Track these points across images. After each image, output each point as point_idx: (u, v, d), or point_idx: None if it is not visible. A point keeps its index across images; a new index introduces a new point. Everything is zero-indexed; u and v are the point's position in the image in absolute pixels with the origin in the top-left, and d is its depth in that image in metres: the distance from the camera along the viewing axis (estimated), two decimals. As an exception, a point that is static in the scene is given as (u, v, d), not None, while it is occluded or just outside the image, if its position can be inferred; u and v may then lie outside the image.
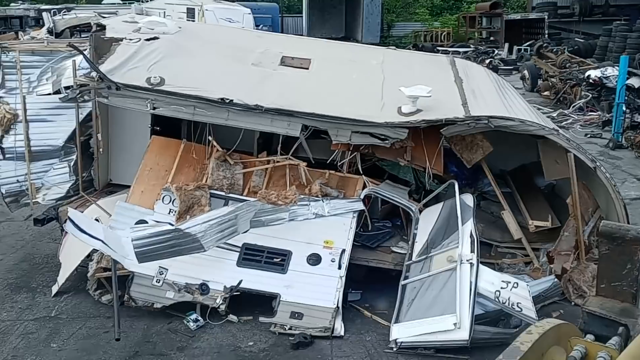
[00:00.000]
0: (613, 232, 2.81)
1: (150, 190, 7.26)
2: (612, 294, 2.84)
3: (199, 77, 7.18)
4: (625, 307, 2.74)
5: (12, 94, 8.30)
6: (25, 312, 6.86)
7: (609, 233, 2.83)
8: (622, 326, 2.62)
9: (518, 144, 8.34)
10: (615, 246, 2.78)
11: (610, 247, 2.81)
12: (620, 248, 2.76)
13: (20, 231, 9.33)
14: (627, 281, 2.79)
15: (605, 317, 2.70)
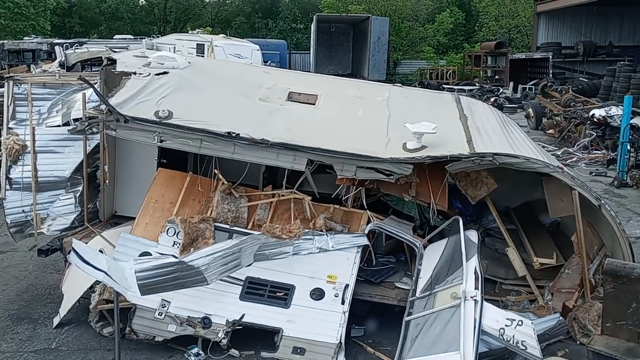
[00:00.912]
0: (618, 271, 2.89)
1: (154, 222, 7.28)
2: (617, 333, 2.87)
3: (207, 111, 7.27)
4: (631, 346, 2.78)
5: (22, 125, 8.40)
6: (25, 343, 6.82)
7: (614, 271, 2.91)
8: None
9: (523, 181, 8.37)
10: (621, 285, 2.83)
11: (615, 285, 2.87)
12: (626, 287, 2.81)
13: (24, 261, 9.34)
14: (632, 320, 2.82)
15: (611, 357, 2.73)
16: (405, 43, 47.24)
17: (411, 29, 46.69)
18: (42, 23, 41.42)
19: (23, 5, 39.13)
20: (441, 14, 48.41)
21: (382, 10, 43.84)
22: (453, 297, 6.27)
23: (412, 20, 47.03)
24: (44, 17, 41.82)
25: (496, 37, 44.43)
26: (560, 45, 39.68)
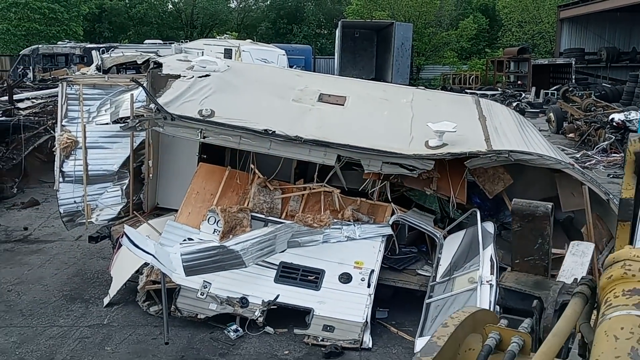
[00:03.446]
0: (524, 210, 2.95)
1: (196, 211, 7.95)
2: (526, 268, 2.96)
3: (245, 110, 7.92)
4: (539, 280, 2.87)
5: (74, 123, 9.15)
6: (80, 319, 7.52)
7: (520, 211, 2.96)
8: (536, 299, 2.72)
9: (538, 178, 8.87)
10: (527, 223, 2.91)
11: (522, 224, 2.93)
12: (532, 224, 2.90)
13: (72, 250, 10.07)
14: (538, 255, 2.92)
15: (520, 291, 2.81)
16: (429, 48, 47.65)
17: (434, 35, 47.09)
18: (75, 28, 42.69)
19: (58, 10, 40.42)
20: (464, 19, 48.71)
21: (405, 16, 44.31)
22: (470, 281, 6.84)
23: (435, 26, 47.44)
24: (76, 22, 43.10)
25: (519, 43, 44.63)
26: (584, 51, 39.81)
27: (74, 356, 6.60)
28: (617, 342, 1.51)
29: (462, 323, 2.04)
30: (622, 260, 1.79)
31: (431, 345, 1.90)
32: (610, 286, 1.79)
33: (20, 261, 9.49)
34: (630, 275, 1.74)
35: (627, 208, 2.73)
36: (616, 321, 1.60)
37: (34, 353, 6.66)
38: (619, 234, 2.83)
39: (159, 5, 58.07)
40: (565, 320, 1.80)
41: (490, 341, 1.90)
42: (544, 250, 2.89)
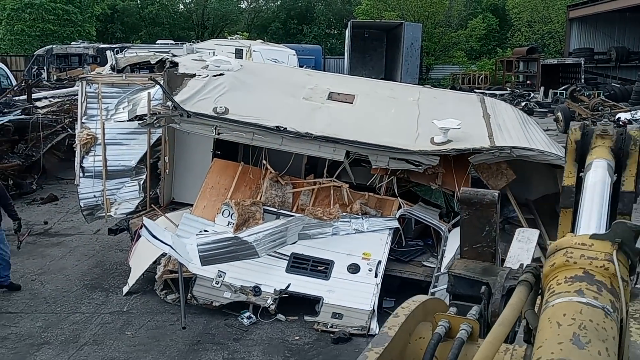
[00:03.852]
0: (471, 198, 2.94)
1: (211, 205, 8.31)
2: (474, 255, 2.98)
3: (258, 108, 8.27)
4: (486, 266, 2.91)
5: (93, 120, 9.55)
6: (101, 306, 7.91)
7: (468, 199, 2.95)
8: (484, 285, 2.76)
9: (541, 174, 9.15)
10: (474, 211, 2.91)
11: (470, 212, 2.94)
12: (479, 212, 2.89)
13: (91, 242, 10.47)
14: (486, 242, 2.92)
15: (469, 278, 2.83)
16: (438, 48, 47.82)
17: (444, 35, 47.27)
18: (88, 29, 43.21)
19: (72, 12, 40.94)
20: (474, 19, 48.84)
21: (415, 16, 44.49)
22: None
23: (444, 26, 47.61)
24: (90, 23, 43.63)
25: (529, 43, 44.72)
26: (593, 50, 39.83)
27: (96, 340, 6.98)
28: (560, 328, 1.54)
29: (412, 312, 2.05)
30: (564, 248, 1.81)
31: (382, 335, 1.90)
32: (553, 274, 1.80)
33: (42, 253, 9.90)
34: (572, 262, 1.76)
35: (569, 195, 2.79)
36: (559, 308, 1.63)
37: (59, 337, 7.05)
38: (561, 221, 2.88)
39: (170, 5, 58.57)
40: (510, 309, 1.81)
41: (439, 329, 1.92)
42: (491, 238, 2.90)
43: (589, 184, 2.52)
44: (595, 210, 2.33)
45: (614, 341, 1.55)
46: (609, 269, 1.69)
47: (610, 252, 1.72)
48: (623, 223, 1.77)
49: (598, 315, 1.58)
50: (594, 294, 1.64)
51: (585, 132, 2.85)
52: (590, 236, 1.79)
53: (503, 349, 1.86)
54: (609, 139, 2.77)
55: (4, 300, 8.05)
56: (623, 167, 2.75)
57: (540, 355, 1.47)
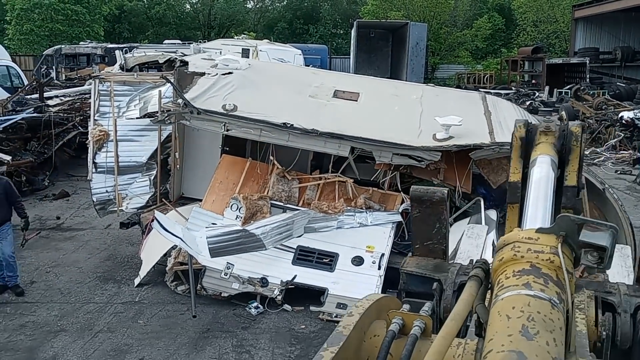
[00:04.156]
0: (422, 196, 2.98)
1: (220, 199, 8.58)
2: (426, 252, 3.03)
3: (265, 105, 8.53)
4: (438, 263, 2.95)
5: (105, 117, 9.82)
6: (114, 297, 8.19)
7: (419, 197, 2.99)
8: (435, 281, 2.81)
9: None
10: (425, 208, 2.97)
11: (421, 209, 2.98)
12: (430, 210, 2.95)
13: (102, 237, 10.76)
14: (437, 239, 2.99)
15: (421, 275, 2.88)
16: (444, 48, 47.99)
17: (449, 34, 47.44)
18: (97, 29, 43.63)
19: (80, 12, 41.36)
20: (479, 19, 48.97)
21: (420, 16, 44.67)
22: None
23: (450, 26, 47.77)
24: (98, 23, 44.04)
25: (534, 42, 44.82)
26: (598, 50, 39.92)
27: (110, 327, 7.26)
28: (510, 321, 1.56)
29: (366, 311, 2.08)
30: (512, 243, 1.85)
31: (337, 335, 1.91)
32: (502, 268, 1.84)
33: (55, 247, 10.19)
34: (520, 256, 1.80)
35: (515, 191, 2.82)
36: (508, 301, 1.66)
37: (74, 325, 7.33)
38: (509, 216, 2.90)
39: (177, 6, 58.93)
40: (462, 304, 1.85)
41: (393, 326, 1.96)
42: (441, 234, 3.00)
43: (534, 179, 2.56)
44: (540, 205, 2.37)
45: (560, 331, 1.60)
46: (555, 261, 1.75)
47: (555, 245, 1.78)
48: (567, 217, 1.83)
49: (545, 307, 1.62)
50: (540, 286, 1.68)
51: (529, 129, 2.89)
52: (536, 230, 1.85)
53: (455, 343, 1.94)
54: (552, 135, 2.83)
55: (20, 291, 8.33)
56: (566, 162, 2.80)
57: (491, 348, 1.50)
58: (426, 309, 2.19)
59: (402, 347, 1.86)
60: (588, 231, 1.80)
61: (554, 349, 1.49)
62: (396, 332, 1.94)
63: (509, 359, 1.41)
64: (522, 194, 2.67)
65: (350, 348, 1.93)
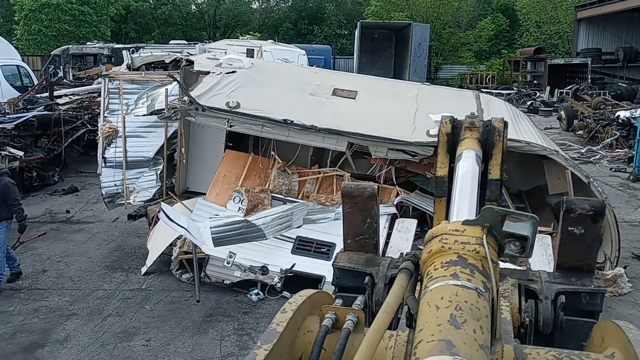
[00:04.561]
0: (352, 192, 3.00)
1: (223, 192, 9.00)
2: (357, 247, 3.04)
3: (267, 102, 8.93)
4: (369, 257, 2.97)
5: (114, 114, 10.24)
6: (122, 284, 8.60)
7: (349, 193, 3.00)
8: (367, 275, 2.82)
9: (535, 168, 9.75)
10: (356, 204, 2.98)
11: (352, 205, 2.99)
12: (360, 205, 2.97)
13: (110, 229, 11.19)
14: (368, 234, 3.01)
15: (353, 270, 2.89)
16: (447, 48, 48.35)
17: (452, 35, 47.78)
18: (103, 29, 44.23)
19: (87, 13, 41.96)
20: (482, 20, 49.29)
21: (424, 17, 45.06)
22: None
23: (453, 27, 48.12)
24: (105, 23, 44.63)
25: (537, 43, 45.12)
26: (600, 51, 40.17)
27: (119, 312, 7.68)
28: (439, 311, 1.59)
29: (299, 307, 2.10)
30: (440, 235, 1.89)
31: (270, 332, 1.94)
32: (431, 260, 1.87)
33: (65, 238, 10.63)
34: (447, 248, 1.83)
35: (442, 185, 2.88)
36: (437, 292, 1.68)
37: (85, 309, 7.75)
38: (436, 210, 2.96)
39: (182, 6, 59.46)
40: (392, 296, 1.87)
41: (327, 321, 1.97)
42: (372, 229, 3.01)
43: (460, 173, 2.63)
44: (466, 198, 2.45)
45: (487, 319, 1.64)
46: (480, 252, 1.79)
47: (480, 237, 1.83)
48: (491, 209, 1.88)
49: (472, 296, 1.66)
50: (467, 276, 1.72)
51: (455, 125, 2.98)
52: (462, 222, 1.90)
53: (387, 335, 1.98)
54: (476, 130, 2.90)
55: (33, 279, 8.76)
56: (489, 157, 2.87)
57: (421, 338, 1.52)
58: (358, 303, 2.18)
59: (335, 342, 1.88)
60: (511, 222, 1.89)
61: (481, 337, 1.53)
62: (329, 327, 1.96)
63: (438, 348, 1.43)
64: (449, 187, 2.75)
65: (284, 344, 1.96)
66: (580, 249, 2.86)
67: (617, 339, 2.02)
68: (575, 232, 2.81)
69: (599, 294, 2.77)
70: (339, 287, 2.95)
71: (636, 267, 9.26)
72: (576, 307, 2.73)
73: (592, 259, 2.90)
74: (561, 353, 2.03)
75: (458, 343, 1.44)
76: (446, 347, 1.42)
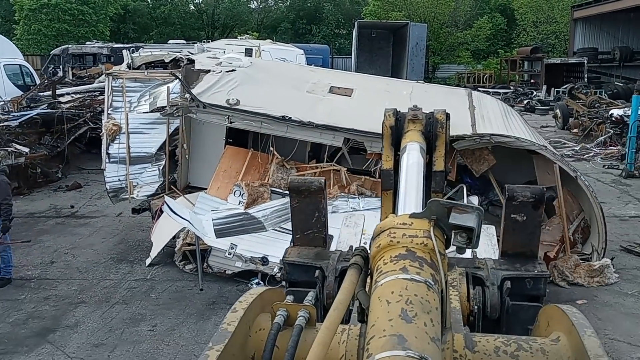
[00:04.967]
0: (299, 186, 2.97)
1: (224, 186, 9.32)
2: (306, 242, 3.03)
3: (266, 100, 9.26)
4: (319, 251, 2.97)
5: (117, 111, 10.58)
6: (127, 275, 8.93)
7: (297, 187, 2.97)
8: (318, 269, 2.82)
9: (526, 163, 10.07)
10: (304, 198, 2.96)
11: (299, 199, 2.98)
12: (308, 199, 2.95)
13: (114, 223, 11.52)
14: (317, 228, 3.01)
15: (303, 264, 2.89)
16: (444, 48, 48.69)
17: (450, 35, 48.13)
18: (102, 29, 44.55)
19: (86, 12, 42.28)
20: (479, 20, 49.61)
21: (422, 16, 45.39)
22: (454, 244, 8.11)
23: (451, 26, 48.46)
24: (104, 23, 44.95)
25: (534, 42, 45.47)
26: (597, 50, 40.47)
27: (125, 300, 8.01)
28: (389, 305, 1.58)
29: (250, 305, 2.09)
30: (388, 229, 1.88)
31: (222, 333, 1.92)
32: (380, 254, 1.87)
33: (71, 232, 10.96)
34: (396, 242, 1.83)
35: (388, 178, 2.88)
36: (387, 286, 1.68)
37: (93, 298, 8.09)
38: (383, 203, 2.97)
39: (181, 6, 59.75)
40: (343, 293, 1.85)
41: (278, 319, 1.96)
42: (321, 223, 3.01)
43: (405, 166, 2.62)
44: (412, 191, 2.45)
45: (437, 311, 1.66)
46: (428, 245, 1.82)
47: (427, 229, 1.85)
48: (437, 201, 1.92)
49: (421, 289, 1.67)
50: (416, 269, 1.73)
51: (398, 117, 2.99)
52: (409, 216, 1.92)
53: (340, 330, 2.00)
54: (420, 123, 2.91)
55: (42, 270, 9.09)
56: (433, 149, 2.88)
57: (374, 334, 1.52)
58: (309, 299, 2.18)
59: (288, 339, 1.89)
60: (457, 214, 1.91)
61: (432, 329, 1.54)
62: (281, 324, 1.96)
63: (390, 344, 1.43)
64: (395, 180, 2.76)
65: (235, 344, 1.95)
66: (523, 236, 2.91)
67: (562, 323, 2.08)
68: (517, 219, 2.86)
69: (542, 278, 2.84)
70: (289, 282, 2.92)
71: (624, 259, 9.59)
72: (521, 292, 2.78)
73: (534, 245, 2.97)
74: (509, 339, 2.07)
75: (410, 337, 1.46)
76: (398, 342, 1.43)
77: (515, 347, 2.02)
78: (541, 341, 2.06)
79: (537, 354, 1.99)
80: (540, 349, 2.01)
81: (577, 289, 8.35)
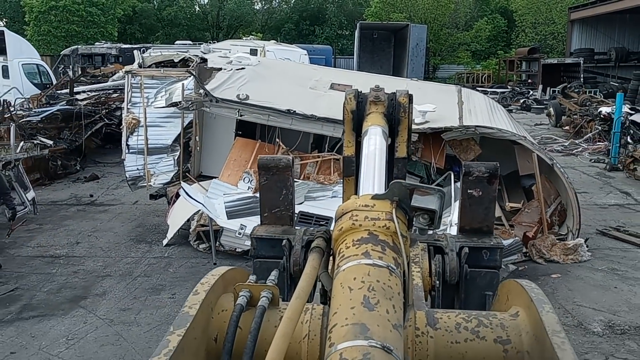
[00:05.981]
0: (268, 164, 2.95)
1: (234, 173, 10.26)
2: (273, 220, 2.99)
3: (273, 95, 10.20)
4: (286, 229, 2.94)
5: (136, 106, 11.51)
6: (146, 253, 9.87)
7: (265, 165, 2.95)
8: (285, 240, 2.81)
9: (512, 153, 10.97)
10: (272, 175, 2.94)
11: (268, 177, 2.95)
12: (277, 177, 2.92)
13: (132, 210, 12.47)
14: (284, 205, 2.98)
15: (270, 239, 2.88)
16: (444, 49, 49.60)
17: (450, 36, 49.03)
18: (110, 30, 45.59)
19: (95, 14, 43.31)
20: (479, 21, 50.50)
21: (422, 18, 46.32)
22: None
23: (451, 27, 49.37)
24: (112, 24, 45.99)
25: (532, 43, 46.36)
26: (593, 51, 41.38)
27: (146, 273, 8.95)
28: (352, 292, 1.56)
29: (212, 287, 2.06)
30: (350, 212, 1.84)
31: (183, 316, 1.88)
32: (342, 237, 1.82)
33: (92, 217, 11.91)
34: (358, 225, 1.79)
35: (350, 165, 2.77)
36: (349, 272, 1.65)
37: (117, 272, 9.03)
38: (345, 189, 2.86)
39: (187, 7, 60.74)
40: (305, 279, 1.83)
41: (241, 300, 1.92)
42: (288, 201, 3.01)
43: (367, 151, 2.55)
44: (375, 175, 2.38)
45: (399, 296, 1.62)
46: (390, 227, 1.78)
47: (390, 211, 1.81)
48: (399, 183, 1.87)
49: (384, 274, 1.63)
50: (379, 254, 1.70)
51: (359, 100, 2.85)
52: (371, 197, 1.87)
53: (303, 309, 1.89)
54: (382, 104, 2.79)
55: (69, 249, 10.03)
56: (395, 134, 2.78)
57: (336, 322, 1.49)
58: (272, 279, 2.13)
59: (251, 320, 1.86)
60: (419, 196, 1.92)
61: (394, 316, 1.52)
62: (244, 305, 1.92)
63: (352, 333, 1.42)
64: (357, 165, 2.69)
65: (198, 327, 1.92)
66: (479, 211, 2.99)
67: (521, 298, 2.09)
68: (473, 194, 2.95)
69: (498, 249, 2.89)
70: (257, 258, 2.94)
71: (598, 240, 10.50)
72: (478, 263, 2.86)
73: (490, 221, 3.02)
74: (470, 315, 2.09)
75: (372, 326, 1.44)
76: (360, 332, 1.41)
77: (476, 322, 2.04)
78: (501, 316, 2.09)
79: (496, 329, 2.02)
80: (500, 324, 2.03)
81: (553, 266, 9.25)
